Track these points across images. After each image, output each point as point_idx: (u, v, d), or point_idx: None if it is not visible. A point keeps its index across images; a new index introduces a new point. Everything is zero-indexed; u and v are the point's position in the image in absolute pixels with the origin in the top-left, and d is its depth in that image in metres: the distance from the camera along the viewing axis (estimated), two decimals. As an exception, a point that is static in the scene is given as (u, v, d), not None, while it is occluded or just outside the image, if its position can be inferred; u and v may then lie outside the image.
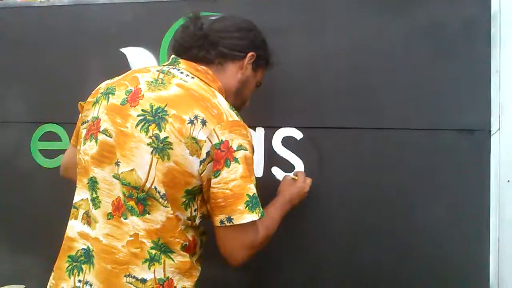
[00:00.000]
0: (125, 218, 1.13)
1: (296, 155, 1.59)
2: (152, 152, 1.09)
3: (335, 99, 1.57)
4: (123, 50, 1.74)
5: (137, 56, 1.72)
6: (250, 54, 1.28)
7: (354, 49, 1.55)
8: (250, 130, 1.19)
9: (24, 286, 1.85)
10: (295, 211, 1.44)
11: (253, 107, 1.46)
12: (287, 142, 1.60)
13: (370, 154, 1.54)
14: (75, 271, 1.17)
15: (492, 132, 1.45)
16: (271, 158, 1.61)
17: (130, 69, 1.65)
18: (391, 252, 1.53)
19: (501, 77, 1.45)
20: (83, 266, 1.16)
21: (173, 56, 1.27)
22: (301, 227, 1.59)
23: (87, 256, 1.17)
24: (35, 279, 1.81)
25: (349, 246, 1.57)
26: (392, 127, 1.53)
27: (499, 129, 1.45)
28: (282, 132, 1.61)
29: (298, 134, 1.60)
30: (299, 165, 1.59)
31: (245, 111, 1.33)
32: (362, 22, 1.55)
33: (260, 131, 1.62)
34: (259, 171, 1.61)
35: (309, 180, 1.49)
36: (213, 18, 1.30)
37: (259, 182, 1.17)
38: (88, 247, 1.17)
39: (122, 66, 1.70)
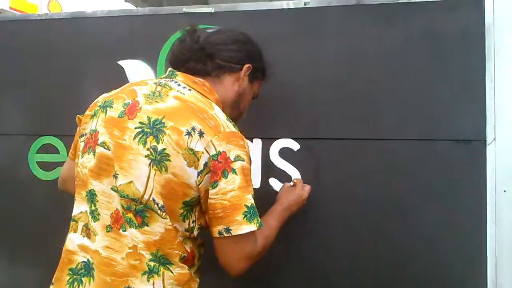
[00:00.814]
0: (124, 230, 1.13)
1: (294, 166, 1.59)
2: (150, 164, 1.10)
3: (332, 110, 1.57)
4: (121, 62, 1.75)
5: (135, 69, 1.73)
6: (246, 66, 1.29)
7: (350, 60, 1.56)
8: (247, 141, 1.20)
9: (21, 298, 1.84)
10: (293, 221, 1.44)
11: (250, 119, 1.47)
12: (284, 153, 1.61)
13: (367, 164, 1.55)
14: (75, 284, 1.17)
15: (487, 142, 1.46)
16: (269, 169, 1.61)
17: (128, 81, 1.67)
18: (389, 261, 1.53)
19: (496, 87, 1.46)
20: (83, 279, 1.16)
21: (170, 69, 1.28)
22: (299, 237, 1.59)
23: (87, 268, 1.17)
24: (32, 291, 1.81)
25: (346, 255, 1.57)
26: (389, 137, 1.53)
27: (494, 139, 1.45)
28: (279, 143, 1.61)
29: (295, 145, 1.60)
30: (296, 176, 1.59)
31: (242, 123, 1.33)
32: (357, 34, 1.56)
33: (257, 142, 1.63)
34: (256, 182, 1.61)
35: (307, 187, 1.49)
36: (209, 31, 1.32)
37: (256, 194, 1.17)
38: (88, 259, 1.17)
39: (120, 78, 1.70)
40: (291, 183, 1.53)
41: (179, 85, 1.21)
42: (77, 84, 1.79)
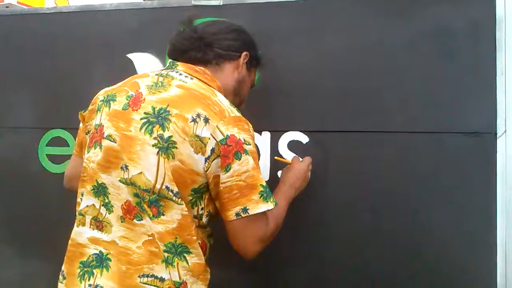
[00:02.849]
0: (139, 220, 1.14)
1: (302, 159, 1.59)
2: (158, 152, 1.11)
3: (341, 103, 1.57)
4: (130, 56, 1.76)
5: (144, 62, 1.73)
6: (244, 53, 1.33)
7: (359, 52, 1.56)
8: (256, 134, 1.20)
9: (32, 291, 1.86)
10: (301, 214, 1.45)
11: (259, 111, 1.48)
12: (293, 146, 1.61)
13: (375, 157, 1.54)
14: (86, 276, 1.18)
15: (498, 135, 1.45)
16: (277, 162, 1.61)
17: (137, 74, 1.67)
18: (398, 256, 1.53)
19: (507, 80, 1.45)
20: (95, 271, 1.17)
21: (170, 60, 1.31)
22: (306, 230, 1.60)
23: (99, 260, 1.18)
24: (43, 284, 1.82)
25: (354, 249, 1.57)
26: (398, 130, 1.53)
27: (505, 131, 1.45)
28: (288, 136, 1.61)
29: (304, 138, 1.60)
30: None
31: (251, 115, 1.33)
32: (366, 25, 1.56)
33: (266, 135, 1.63)
34: (265, 175, 1.61)
35: (306, 159, 1.49)
36: (204, 23, 1.35)
37: (265, 186, 1.18)
38: (100, 251, 1.18)
39: (129, 71, 1.70)
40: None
41: (180, 74, 1.23)
42: (86, 77, 1.79)
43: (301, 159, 1.50)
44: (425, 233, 1.51)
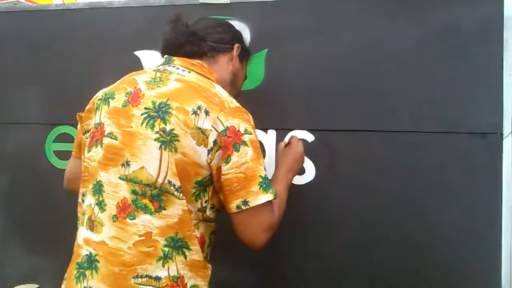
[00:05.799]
0: (132, 219, 1.13)
1: (308, 157, 1.59)
2: (160, 146, 1.12)
3: (347, 102, 1.57)
4: (137, 53, 1.77)
5: (151, 59, 1.74)
6: (236, 45, 1.36)
7: (366, 51, 1.56)
8: (262, 132, 1.20)
9: (38, 286, 1.87)
10: (307, 213, 1.44)
11: (265, 110, 1.47)
12: (299, 144, 1.61)
13: (382, 156, 1.55)
14: (81, 278, 1.17)
15: (504, 135, 1.45)
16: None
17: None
18: (403, 255, 1.53)
19: (514, 80, 1.45)
20: (86, 272, 1.16)
21: (166, 56, 1.32)
22: (312, 230, 1.60)
23: (89, 262, 1.16)
24: (49, 279, 1.83)
25: (360, 249, 1.57)
26: (404, 129, 1.53)
27: (511, 132, 1.44)
28: (294, 135, 1.61)
29: (309, 137, 1.61)
30: (310, 167, 1.60)
31: (257, 113, 1.33)
32: (374, 24, 1.56)
33: (271, 134, 1.63)
34: (271, 173, 1.60)
35: (297, 141, 1.48)
36: (192, 21, 1.37)
37: (271, 184, 1.18)
38: (90, 252, 1.17)
39: (136, 69, 1.66)
40: (286, 142, 1.50)
41: (178, 68, 1.24)
42: (94, 74, 1.80)
43: (298, 138, 1.49)
44: (430, 232, 1.51)
